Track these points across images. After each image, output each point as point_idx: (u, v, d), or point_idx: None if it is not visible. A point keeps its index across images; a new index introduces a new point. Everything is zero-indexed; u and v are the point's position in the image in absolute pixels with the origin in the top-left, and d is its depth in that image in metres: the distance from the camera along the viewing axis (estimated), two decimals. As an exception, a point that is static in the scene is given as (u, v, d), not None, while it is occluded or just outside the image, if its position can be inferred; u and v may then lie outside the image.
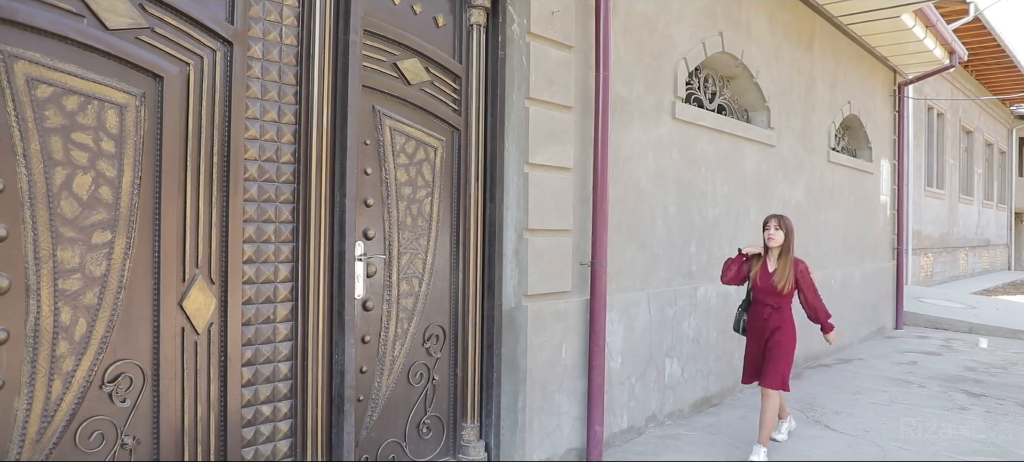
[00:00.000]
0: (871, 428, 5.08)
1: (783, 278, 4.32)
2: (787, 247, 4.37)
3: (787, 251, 4.36)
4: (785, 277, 4.32)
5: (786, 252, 4.36)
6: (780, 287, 4.31)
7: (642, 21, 4.78)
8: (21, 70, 2.30)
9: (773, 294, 4.35)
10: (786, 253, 4.36)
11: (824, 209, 7.67)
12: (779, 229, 4.35)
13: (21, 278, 2.32)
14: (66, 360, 2.43)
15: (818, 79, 7.41)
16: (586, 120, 4.26)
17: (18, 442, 2.33)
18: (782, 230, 4.35)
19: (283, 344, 3.07)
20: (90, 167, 2.47)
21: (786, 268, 4.34)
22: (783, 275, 4.33)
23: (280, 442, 3.08)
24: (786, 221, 4.40)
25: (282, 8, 3.03)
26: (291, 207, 3.08)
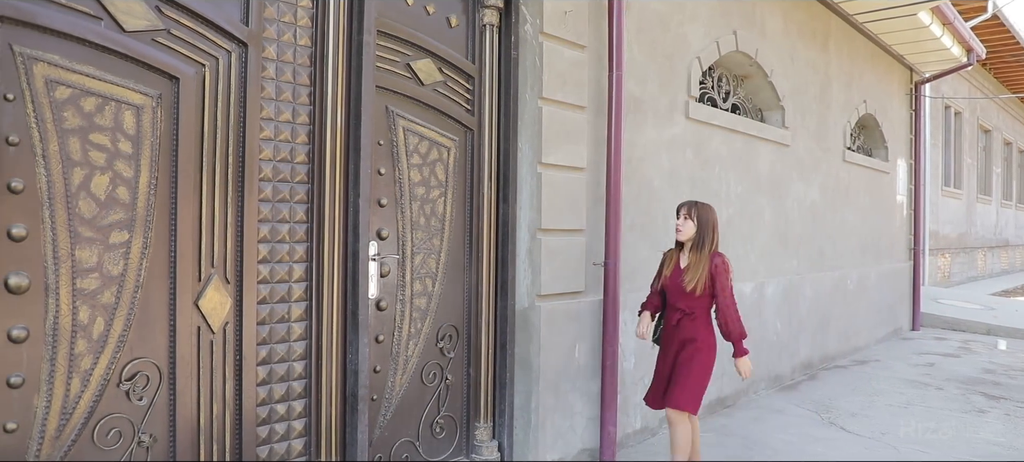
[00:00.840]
0: (888, 430, 5.04)
1: (694, 277, 3.59)
2: (702, 240, 3.64)
3: (701, 245, 3.63)
4: (697, 276, 3.58)
5: (700, 246, 3.63)
6: (689, 287, 3.59)
7: (655, 20, 4.77)
8: (40, 72, 2.33)
9: (682, 296, 3.64)
10: (700, 247, 3.63)
11: (840, 209, 7.62)
12: (688, 218, 3.64)
13: (40, 277, 2.35)
14: (84, 358, 2.46)
15: (833, 78, 7.36)
16: (599, 120, 4.25)
17: (37, 439, 2.36)
18: (692, 220, 3.63)
19: (297, 343, 3.09)
20: (108, 167, 2.50)
21: (699, 265, 3.60)
22: (694, 273, 3.60)
23: (294, 441, 3.10)
24: (700, 209, 3.66)
25: (296, 9, 3.05)
26: (305, 207, 3.10)
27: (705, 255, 3.61)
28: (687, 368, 3.58)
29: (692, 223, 3.63)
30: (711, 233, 3.64)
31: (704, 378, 3.62)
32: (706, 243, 3.63)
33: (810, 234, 6.96)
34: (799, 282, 6.70)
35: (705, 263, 3.59)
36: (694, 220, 3.63)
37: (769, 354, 6.19)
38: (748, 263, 5.90)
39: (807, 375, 6.81)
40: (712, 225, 3.65)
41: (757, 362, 5.97)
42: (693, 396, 3.58)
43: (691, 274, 3.60)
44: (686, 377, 3.57)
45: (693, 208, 3.67)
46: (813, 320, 6.99)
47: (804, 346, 6.83)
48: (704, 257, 3.60)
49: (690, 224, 3.64)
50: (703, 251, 3.62)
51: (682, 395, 3.56)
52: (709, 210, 3.68)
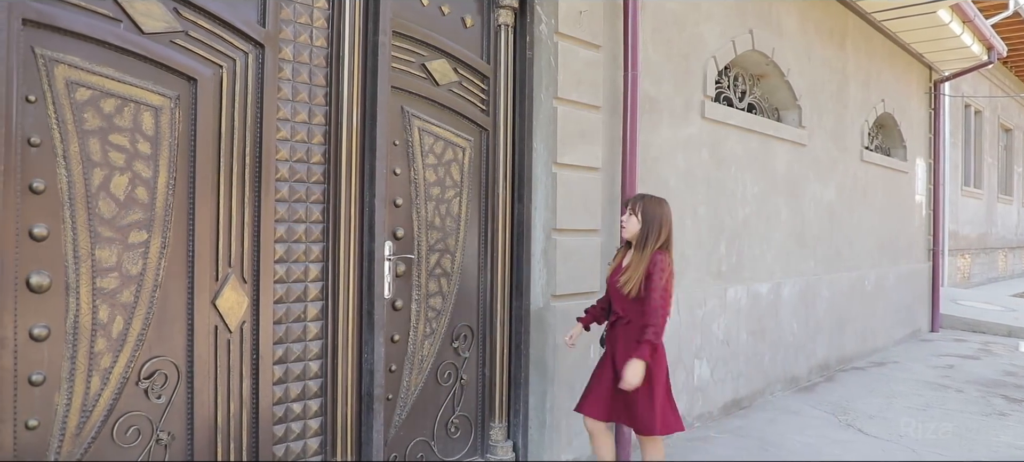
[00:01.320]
0: (906, 433, 4.99)
1: (630, 278, 3.17)
2: (645, 238, 3.21)
3: (644, 243, 3.20)
4: (634, 277, 3.16)
5: (643, 244, 3.20)
6: (625, 290, 3.18)
7: (671, 20, 4.75)
8: (61, 74, 2.36)
9: (619, 298, 3.26)
10: (643, 246, 3.20)
11: (857, 209, 7.56)
12: (633, 214, 3.26)
13: (61, 276, 2.38)
14: (104, 357, 2.49)
15: (851, 77, 7.30)
16: (615, 120, 4.24)
17: (58, 436, 2.39)
18: (636, 215, 3.25)
19: (313, 343, 3.11)
20: (127, 168, 2.52)
21: (639, 265, 3.16)
22: (631, 274, 3.17)
23: (310, 439, 3.12)
24: (647, 203, 3.25)
25: (312, 10, 3.06)
26: (321, 207, 3.12)
27: (646, 255, 3.18)
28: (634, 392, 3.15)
29: (636, 219, 3.25)
30: (657, 230, 3.21)
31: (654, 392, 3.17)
32: (650, 241, 3.20)
33: (827, 234, 6.91)
34: (816, 283, 6.66)
35: (644, 263, 3.16)
36: (639, 216, 3.24)
37: (785, 355, 6.15)
38: (764, 263, 5.87)
39: (824, 376, 6.76)
40: (659, 221, 3.22)
41: (773, 362, 5.94)
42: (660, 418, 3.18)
43: (628, 274, 3.19)
44: (639, 398, 3.16)
45: (639, 202, 3.28)
46: (830, 321, 6.94)
47: (821, 347, 6.78)
48: (645, 257, 3.17)
49: (634, 220, 3.26)
50: (645, 251, 3.19)
51: (646, 418, 3.17)
52: (658, 205, 3.28)
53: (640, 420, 3.19)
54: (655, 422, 3.16)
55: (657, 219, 3.22)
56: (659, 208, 3.26)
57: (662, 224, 3.23)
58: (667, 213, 3.28)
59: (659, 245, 3.21)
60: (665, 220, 3.25)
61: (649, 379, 3.13)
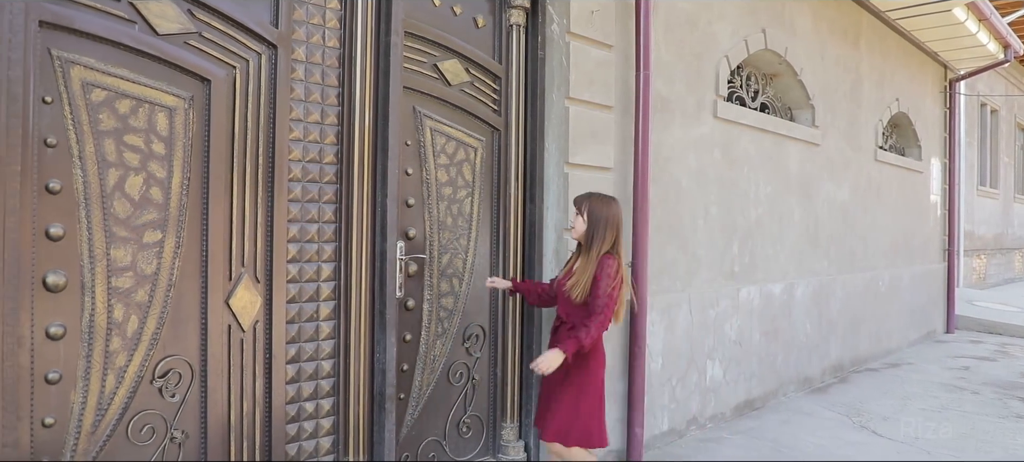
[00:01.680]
0: (921, 435, 4.95)
1: (578, 283, 3.01)
2: (591, 239, 3.05)
3: (590, 245, 3.05)
4: (581, 282, 3.00)
5: (589, 247, 3.05)
6: (573, 294, 3.03)
7: (683, 19, 4.74)
8: (77, 75, 2.39)
9: (565, 303, 3.11)
10: (589, 248, 3.05)
11: (871, 209, 7.50)
12: (579, 214, 3.11)
13: (77, 276, 2.40)
14: (119, 355, 2.51)
15: (865, 76, 7.25)
16: (626, 120, 4.23)
17: (74, 433, 2.42)
18: (582, 216, 3.09)
19: (326, 342, 3.12)
20: (141, 168, 2.54)
21: (586, 270, 3.01)
22: (578, 278, 3.02)
23: (323, 439, 3.13)
24: (593, 203, 3.09)
25: (325, 11, 3.08)
26: (334, 207, 3.13)
27: (593, 258, 3.01)
28: (563, 392, 3.06)
29: (582, 220, 3.10)
30: (604, 232, 3.04)
31: (579, 405, 3.02)
32: (596, 243, 3.03)
33: (841, 235, 6.87)
34: (829, 283, 6.61)
35: (592, 267, 3.00)
36: (585, 216, 3.08)
37: (799, 356, 6.12)
38: (777, 264, 5.84)
39: (837, 378, 6.72)
40: (605, 222, 3.05)
41: (786, 363, 5.91)
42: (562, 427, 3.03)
43: (575, 278, 3.04)
44: (561, 401, 3.06)
45: (585, 202, 3.12)
46: (844, 322, 6.89)
47: (834, 348, 6.73)
48: (592, 261, 3.01)
49: (581, 221, 3.10)
50: (592, 253, 3.02)
51: (554, 423, 3.05)
52: (606, 204, 3.09)
53: (546, 420, 3.10)
54: (572, 431, 3.02)
55: (603, 219, 3.06)
56: (606, 208, 3.09)
57: (608, 225, 3.06)
58: (614, 213, 3.10)
59: (608, 248, 3.05)
60: (612, 220, 3.07)
61: (579, 386, 3.03)
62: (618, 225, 3.10)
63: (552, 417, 3.07)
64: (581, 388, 3.05)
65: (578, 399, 3.04)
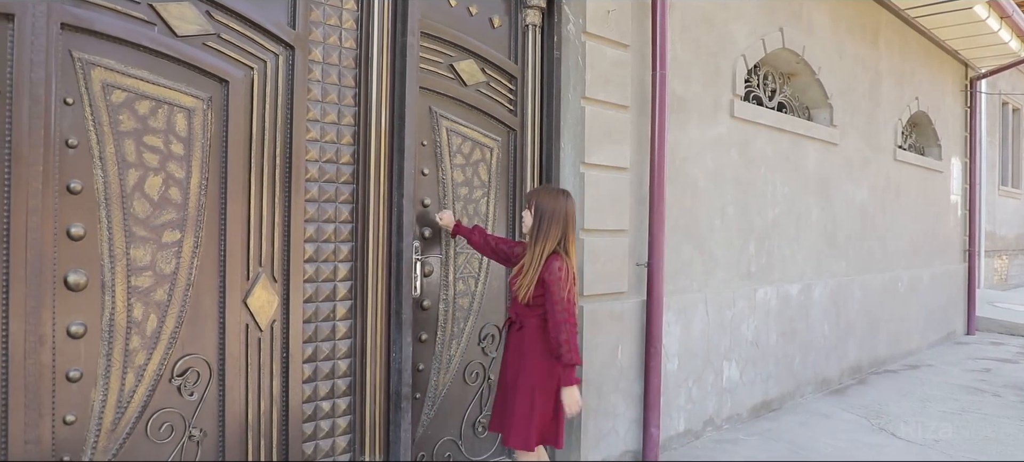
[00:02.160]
0: (941, 437, 4.90)
1: (524, 285, 2.87)
2: (536, 234, 2.89)
3: (535, 241, 2.89)
4: (526, 281, 2.86)
5: (534, 243, 2.89)
6: (520, 295, 2.89)
7: (700, 18, 4.71)
8: (98, 76, 2.41)
9: (515, 303, 2.98)
10: (534, 244, 2.89)
11: (890, 209, 7.43)
12: (527, 208, 2.98)
13: (97, 275, 2.43)
14: (138, 354, 2.53)
15: (884, 75, 7.18)
16: (643, 119, 4.22)
17: (94, 431, 2.44)
18: (530, 209, 2.95)
19: (342, 341, 3.13)
20: (161, 169, 2.57)
21: (531, 268, 2.86)
22: (524, 277, 2.88)
23: (339, 438, 3.14)
24: (540, 196, 2.94)
25: (341, 12, 3.09)
26: (350, 207, 3.14)
27: (539, 256, 2.85)
28: (514, 395, 2.95)
29: (529, 214, 2.95)
30: (549, 227, 2.86)
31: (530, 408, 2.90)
32: (540, 239, 2.86)
33: (859, 235, 6.80)
34: (848, 284, 6.56)
35: (537, 265, 2.85)
36: (532, 210, 2.93)
37: (816, 357, 6.07)
38: (795, 264, 5.79)
39: (856, 379, 6.66)
40: (551, 216, 2.87)
41: (804, 364, 5.87)
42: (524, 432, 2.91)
43: (521, 278, 2.89)
44: (515, 405, 2.94)
45: (533, 196, 2.97)
46: (862, 323, 6.83)
47: (853, 349, 6.67)
48: (537, 259, 2.85)
49: (528, 216, 2.96)
50: (536, 249, 2.86)
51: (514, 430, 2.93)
52: (554, 198, 2.92)
53: (506, 426, 2.97)
54: (515, 434, 2.92)
55: (549, 213, 2.87)
56: (553, 201, 2.91)
57: (554, 219, 2.87)
58: (562, 207, 2.91)
59: (554, 246, 2.88)
60: (559, 215, 2.88)
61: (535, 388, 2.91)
62: (566, 220, 2.91)
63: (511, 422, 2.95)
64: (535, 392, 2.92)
65: (533, 402, 2.92)
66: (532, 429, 2.91)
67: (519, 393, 2.93)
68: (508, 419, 2.96)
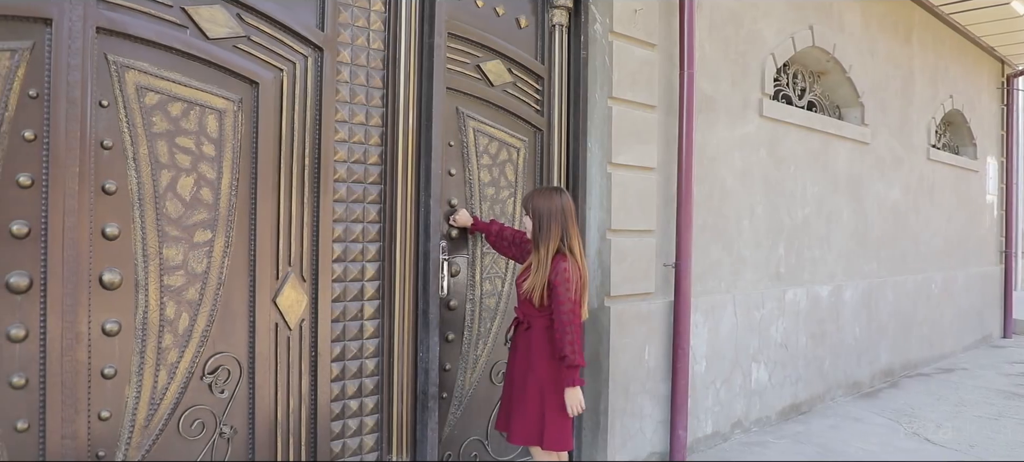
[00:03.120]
0: (976, 443, 4.80)
1: (534, 288, 2.89)
2: (538, 237, 2.92)
3: (539, 243, 2.91)
4: (534, 283, 2.89)
5: (538, 244, 2.92)
6: (526, 296, 2.95)
7: (728, 17, 4.67)
8: (132, 79, 2.46)
9: (524, 305, 3.00)
10: (538, 246, 2.92)
11: (923, 210, 7.29)
12: (526, 212, 3.01)
13: (131, 274, 2.48)
14: (171, 352, 2.57)
15: (917, 72, 7.05)
16: (670, 119, 4.19)
17: (128, 427, 2.49)
18: (528, 212, 2.98)
19: (370, 341, 3.16)
20: (192, 169, 2.60)
21: (539, 269, 2.89)
22: (533, 278, 2.90)
23: (367, 436, 3.16)
24: (536, 198, 2.96)
25: (370, 13, 3.11)
26: (378, 207, 3.16)
27: (545, 256, 2.88)
28: (522, 395, 2.98)
29: (528, 217, 2.99)
30: (549, 226, 2.89)
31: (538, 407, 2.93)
32: (543, 241, 2.89)
33: (891, 236, 6.69)
34: (879, 285, 6.45)
35: (545, 267, 2.87)
36: (531, 213, 2.96)
37: (847, 359, 5.98)
38: (825, 265, 5.72)
39: (888, 382, 6.55)
40: (549, 216, 2.90)
41: (834, 367, 5.79)
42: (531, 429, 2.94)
43: (530, 280, 2.92)
44: (523, 404, 2.97)
45: (529, 199, 2.99)
46: (894, 325, 6.72)
47: (884, 352, 6.56)
48: (544, 262, 2.88)
49: (528, 220, 2.99)
50: (541, 252, 2.89)
51: (519, 427, 2.97)
52: (549, 197, 2.94)
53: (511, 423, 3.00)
54: (520, 431, 2.95)
55: (547, 213, 2.90)
56: (549, 201, 2.93)
57: (552, 218, 2.89)
58: (558, 205, 2.92)
59: (557, 245, 2.90)
60: (556, 213, 2.91)
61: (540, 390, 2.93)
62: (565, 217, 2.92)
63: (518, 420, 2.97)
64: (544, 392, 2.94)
65: (544, 403, 2.93)
66: (540, 427, 2.93)
67: (527, 392, 2.96)
68: (515, 417, 2.99)
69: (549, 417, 2.93)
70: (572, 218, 2.96)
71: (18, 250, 2.26)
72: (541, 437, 2.93)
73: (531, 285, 2.91)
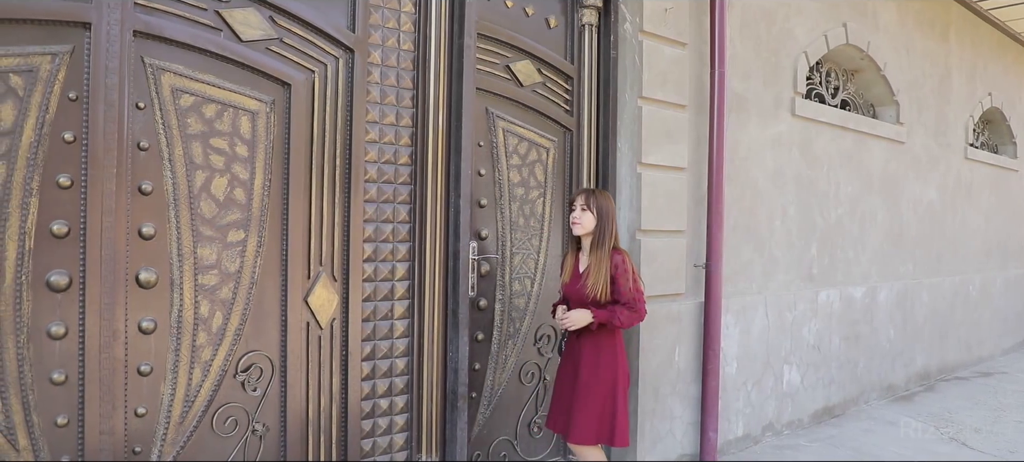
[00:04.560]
0: (1016, 448, 4.68)
1: (596, 281, 2.97)
2: (602, 235, 3.01)
3: (601, 241, 3.01)
4: (600, 280, 2.96)
5: (600, 243, 3.01)
6: (593, 294, 2.97)
7: (759, 15, 4.61)
8: (167, 81, 2.50)
9: (584, 304, 3.02)
10: (600, 244, 3.01)
11: (960, 210, 7.14)
12: (587, 209, 3.03)
13: (167, 273, 2.52)
14: (205, 350, 2.61)
15: (954, 70, 6.91)
16: (701, 118, 4.15)
17: (164, 424, 2.53)
18: (591, 211, 3.02)
19: (400, 340, 3.17)
20: (226, 170, 2.64)
21: (601, 267, 2.97)
22: (597, 277, 2.97)
23: (397, 435, 3.18)
24: (599, 198, 3.03)
25: (400, 14, 3.12)
26: (408, 207, 3.17)
27: (605, 254, 3.00)
28: (585, 394, 2.99)
29: (591, 215, 3.02)
30: (610, 226, 3.03)
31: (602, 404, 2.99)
32: (606, 239, 3.01)
33: (927, 236, 6.56)
34: (915, 287, 6.33)
35: (606, 263, 2.98)
36: (594, 211, 3.02)
37: (881, 362, 5.88)
38: (859, 266, 5.62)
39: (924, 386, 6.42)
40: (610, 217, 3.04)
41: (868, 369, 5.69)
42: (594, 428, 2.98)
43: (594, 278, 2.98)
44: (586, 403, 2.99)
45: (592, 196, 3.05)
46: (930, 328, 6.58)
47: (920, 355, 6.44)
48: (605, 257, 2.99)
49: (589, 216, 3.02)
50: (603, 249, 3.00)
51: (581, 427, 2.99)
52: (607, 199, 3.07)
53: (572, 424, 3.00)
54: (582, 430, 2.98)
55: (609, 214, 3.04)
56: (608, 202, 3.07)
57: (612, 219, 3.05)
58: (613, 207, 3.11)
59: (613, 243, 3.04)
60: (613, 215, 3.08)
61: (613, 388, 2.99)
62: (615, 219, 3.10)
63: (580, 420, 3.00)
64: (615, 389, 3.01)
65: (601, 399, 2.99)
66: (611, 425, 2.98)
67: (594, 391, 2.98)
68: (578, 416, 2.99)
69: (620, 416, 2.99)
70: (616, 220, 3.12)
71: (58, 249, 2.31)
72: (612, 435, 2.98)
73: (594, 283, 2.97)
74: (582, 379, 3.01)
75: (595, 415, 2.98)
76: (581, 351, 3.05)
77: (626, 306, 2.96)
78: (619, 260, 2.99)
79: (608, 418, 2.99)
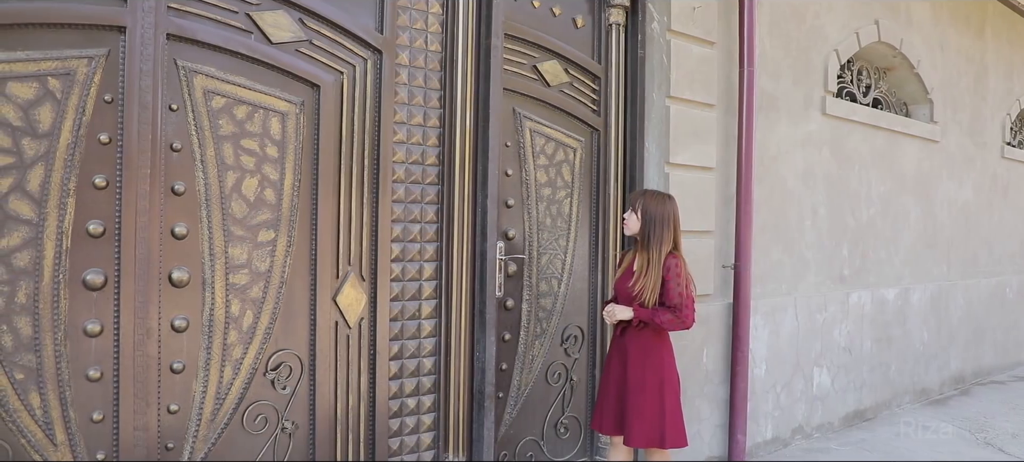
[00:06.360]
0: (1055, 453, 4.57)
1: (643, 284, 2.99)
2: (648, 238, 3.01)
3: (649, 244, 3.01)
4: (647, 284, 2.97)
5: (647, 246, 3.02)
6: (642, 298, 2.99)
7: (789, 13, 4.56)
8: (199, 84, 2.53)
9: (630, 304, 3.06)
10: (648, 247, 3.02)
11: (997, 210, 6.99)
12: (633, 211, 3.06)
13: (198, 272, 2.55)
14: (235, 348, 2.65)
15: (990, 67, 6.76)
16: (729, 118, 4.12)
17: (195, 421, 2.57)
18: (636, 213, 3.04)
19: (428, 340, 3.18)
20: (256, 171, 2.67)
21: (650, 270, 2.98)
22: (645, 280, 2.99)
23: (424, 434, 3.19)
24: (647, 200, 3.05)
25: (427, 16, 3.14)
26: (436, 208, 3.19)
27: (656, 258, 2.99)
28: (637, 396, 3.01)
29: (636, 218, 3.05)
30: (660, 230, 3.00)
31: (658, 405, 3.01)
32: (655, 243, 3.00)
33: (962, 237, 6.43)
34: (950, 289, 6.21)
35: (657, 268, 2.98)
36: (639, 214, 3.03)
37: (915, 365, 5.77)
38: (891, 267, 5.53)
39: (958, 390, 6.30)
40: (662, 221, 3.00)
41: (901, 372, 5.59)
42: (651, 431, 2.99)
43: (641, 280, 3.00)
44: (639, 406, 3.01)
45: (639, 199, 3.07)
46: (966, 330, 6.45)
47: (955, 358, 6.31)
48: (655, 261, 2.99)
49: (634, 219, 3.05)
50: (652, 253, 3.00)
51: (636, 430, 3.00)
52: (661, 202, 3.04)
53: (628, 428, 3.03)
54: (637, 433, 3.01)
55: (659, 217, 3.01)
56: (662, 205, 3.04)
57: (665, 224, 3.01)
58: (670, 211, 3.05)
59: (669, 247, 3.02)
60: (668, 219, 3.03)
61: (659, 389, 3.02)
62: (675, 223, 3.06)
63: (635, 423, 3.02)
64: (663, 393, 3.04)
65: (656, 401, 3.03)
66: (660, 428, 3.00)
67: (646, 393, 3.01)
68: (633, 419, 3.01)
69: (669, 418, 3.01)
70: (679, 225, 3.10)
71: (94, 249, 2.36)
72: (662, 438, 2.99)
73: (643, 286, 2.99)
74: (631, 382, 3.04)
75: (648, 417, 3.00)
76: (627, 351, 3.07)
77: (671, 309, 2.97)
78: (672, 263, 2.99)
79: (657, 420, 3.01)
